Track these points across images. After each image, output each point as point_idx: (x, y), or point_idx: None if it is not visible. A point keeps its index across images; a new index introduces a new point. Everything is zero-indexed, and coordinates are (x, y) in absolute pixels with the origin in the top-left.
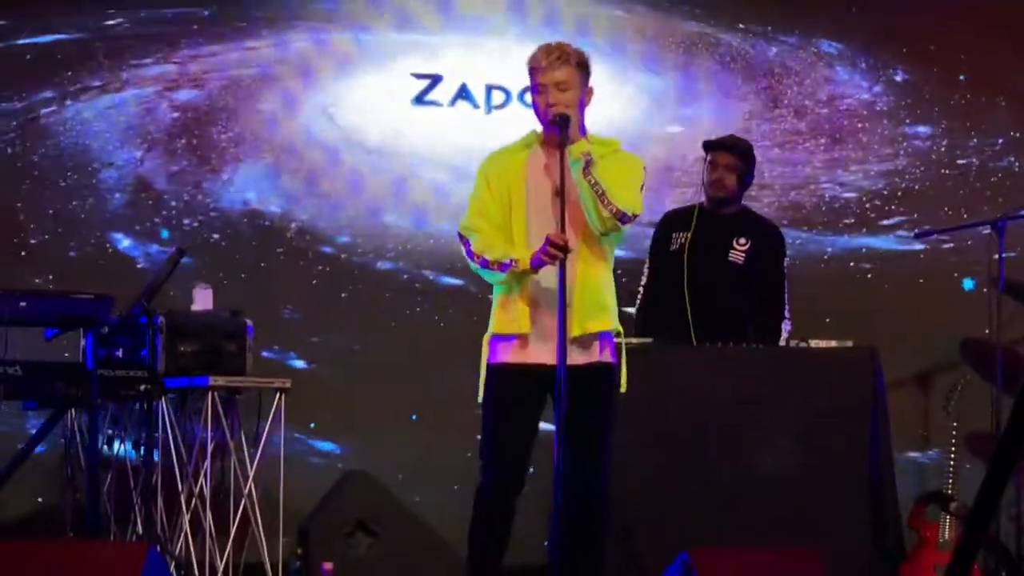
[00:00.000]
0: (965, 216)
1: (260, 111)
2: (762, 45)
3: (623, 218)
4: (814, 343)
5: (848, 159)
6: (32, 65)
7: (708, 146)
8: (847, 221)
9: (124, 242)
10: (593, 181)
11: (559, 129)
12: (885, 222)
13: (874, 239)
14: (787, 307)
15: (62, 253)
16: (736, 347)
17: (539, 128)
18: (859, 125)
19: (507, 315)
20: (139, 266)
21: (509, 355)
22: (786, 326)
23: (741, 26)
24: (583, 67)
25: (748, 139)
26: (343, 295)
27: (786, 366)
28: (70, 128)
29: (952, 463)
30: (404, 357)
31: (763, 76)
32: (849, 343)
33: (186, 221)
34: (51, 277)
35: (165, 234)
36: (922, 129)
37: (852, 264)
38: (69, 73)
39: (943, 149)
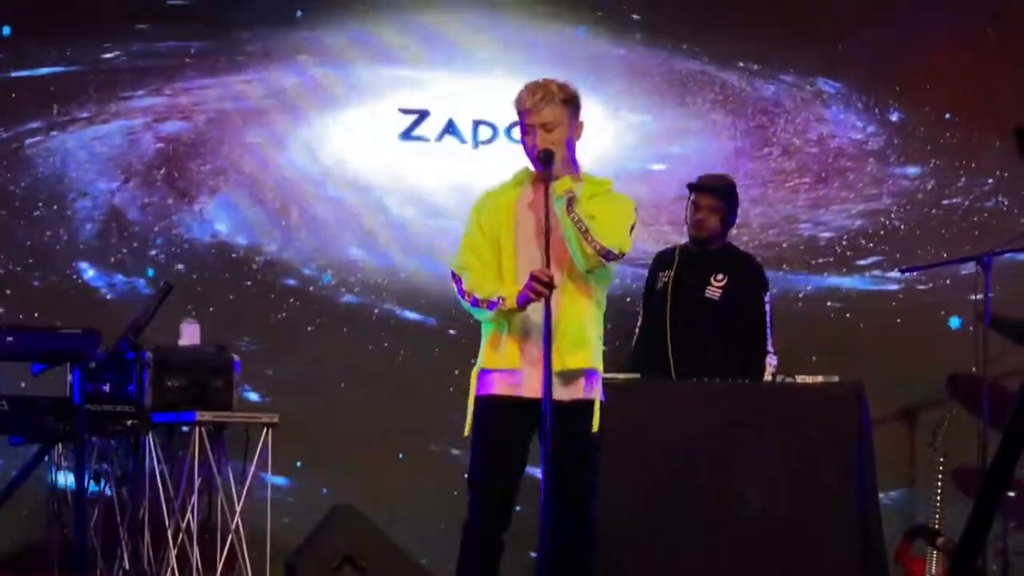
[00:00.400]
0: (945, 255)
1: (244, 145)
2: (759, 83)
3: (607, 255)
4: (800, 379)
5: (831, 198)
6: (24, 97)
7: (691, 187)
8: (824, 259)
9: (89, 272)
10: (576, 218)
11: (543, 166)
12: (862, 261)
13: (849, 278)
14: (771, 341)
15: (28, 284)
16: (723, 382)
17: (531, 165)
18: (847, 164)
19: (496, 351)
20: (106, 297)
21: (498, 388)
22: (771, 360)
23: (740, 64)
24: (570, 103)
25: (734, 177)
26: (310, 328)
27: (773, 401)
28: (50, 158)
29: (939, 498)
30: (381, 391)
31: (757, 114)
32: (835, 379)
33: (153, 253)
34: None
35: (151, 272)
36: (911, 169)
37: (830, 303)
38: (57, 105)
39: (930, 188)
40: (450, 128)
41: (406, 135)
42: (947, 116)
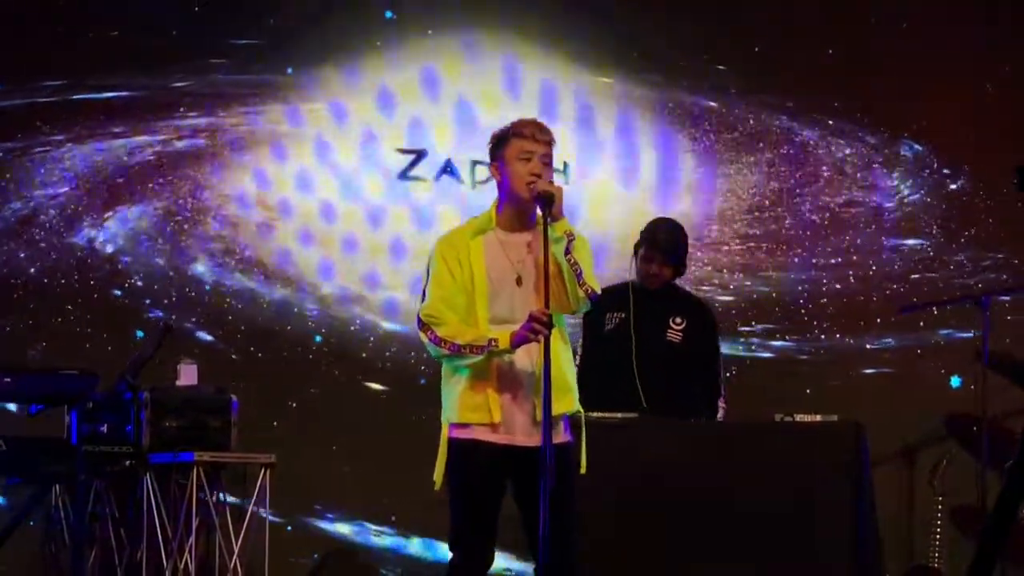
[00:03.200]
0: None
1: (230, 182)
2: (775, 116)
3: (594, 297)
4: (799, 417)
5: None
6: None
7: (645, 242)
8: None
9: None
10: (573, 261)
11: (543, 204)
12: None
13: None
14: (723, 386)
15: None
16: (725, 422)
17: (490, 210)
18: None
19: (473, 401)
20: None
21: (475, 434)
22: (720, 404)
23: (764, 99)
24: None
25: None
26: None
27: (771, 440)
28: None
29: (938, 538)
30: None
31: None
32: (834, 417)
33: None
34: None
35: (140, 335)
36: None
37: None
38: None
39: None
40: (448, 168)
41: (404, 175)
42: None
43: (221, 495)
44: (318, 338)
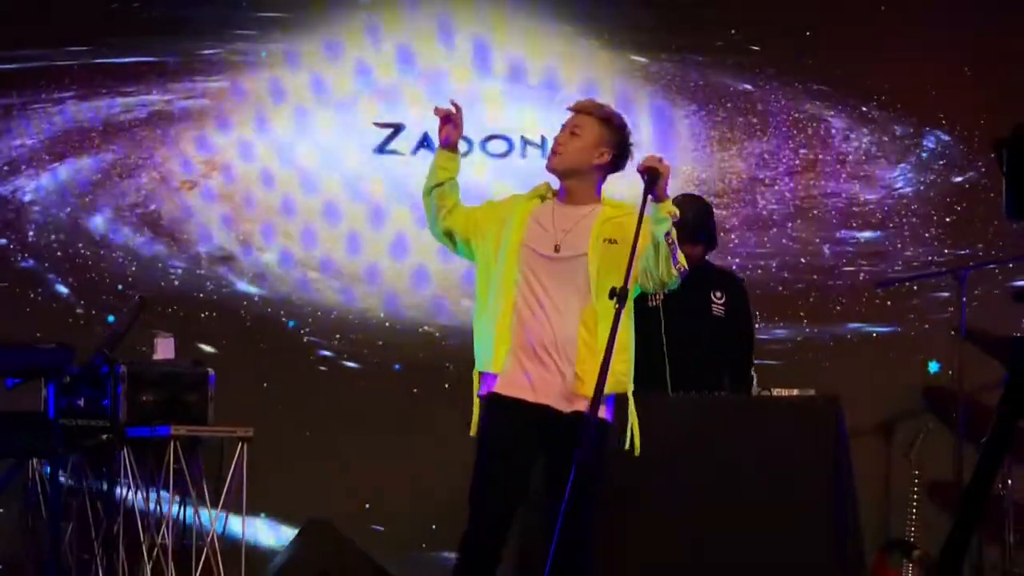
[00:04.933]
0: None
1: (207, 154)
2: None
3: (683, 274)
4: (777, 392)
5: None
6: None
7: (680, 227)
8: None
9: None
10: (671, 241)
11: (650, 181)
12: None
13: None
14: (752, 363)
15: None
16: (699, 395)
17: (551, 180)
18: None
19: (484, 347)
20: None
21: (512, 390)
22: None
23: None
24: (607, 123)
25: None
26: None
27: (749, 415)
28: None
29: (914, 511)
30: (357, 404)
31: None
32: (811, 392)
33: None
34: None
35: (111, 319)
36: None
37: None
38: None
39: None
40: (426, 142)
41: (381, 149)
42: None
43: (197, 469)
44: (292, 323)
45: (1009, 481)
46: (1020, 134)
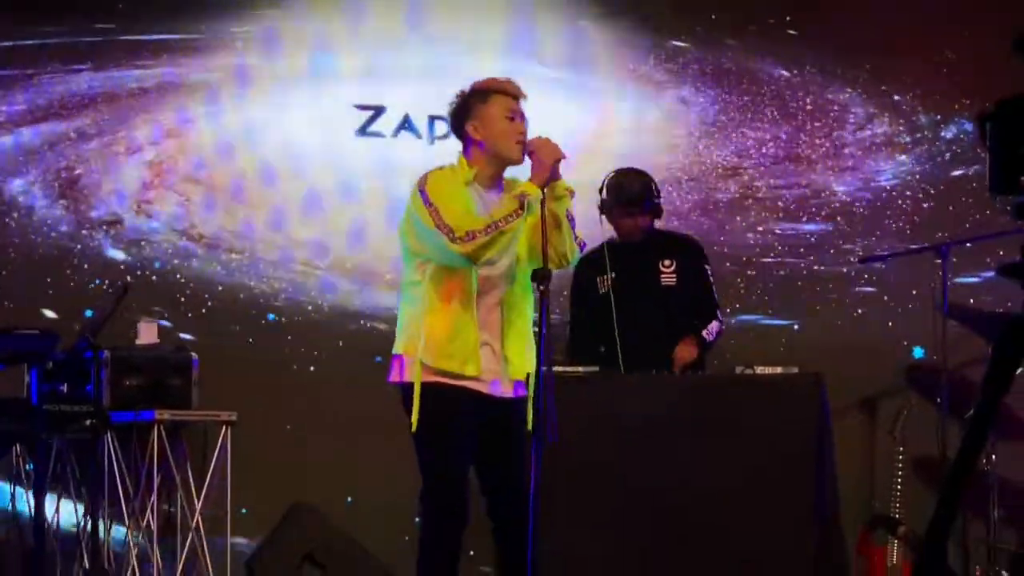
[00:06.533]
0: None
1: (188, 137)
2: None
3: (583, 246)
4: (760, 370)
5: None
6: None
7: (621, 201)
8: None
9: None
10: (571, 216)
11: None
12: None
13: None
14: (717, 309)
15: None
16: (683, 375)
17: (463, 164)
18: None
19: (451, 349)
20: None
21: (451, 380)
22: (715, 325)
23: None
24: None
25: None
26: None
27: (732, 393)
28: None
29: (899, 488)
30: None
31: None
32: (795, 369)
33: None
34: None
35: (89, 313)
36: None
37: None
38: None
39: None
40: (406, 124)
41: (362, 131)
42: None
43: (182, 453)
44: (271, 314)
45: (993, 457)
46: (1003, 108)
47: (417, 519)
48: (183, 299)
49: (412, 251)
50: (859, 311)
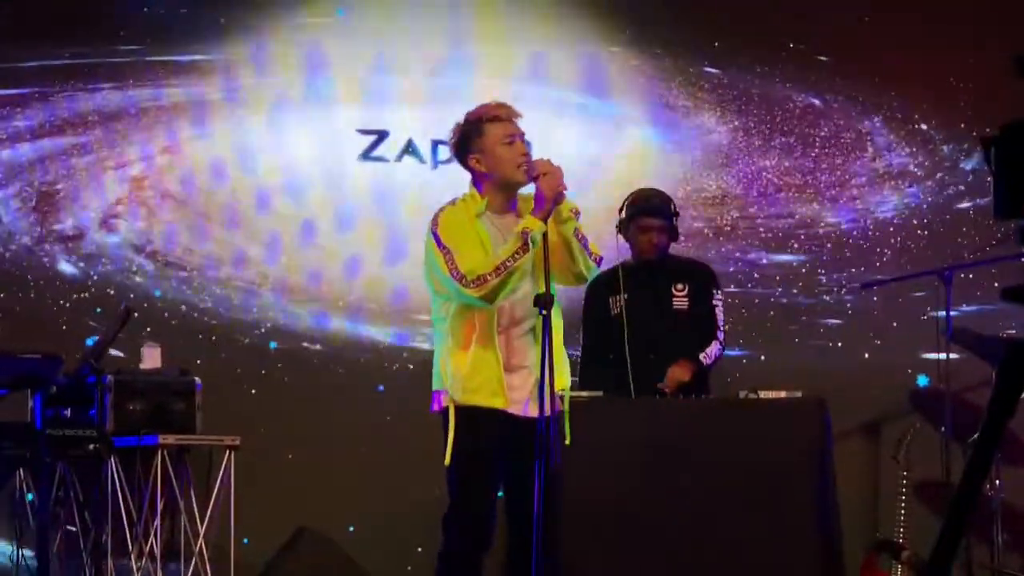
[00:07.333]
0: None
1: (193, 162)
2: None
3: (599, 262)
4: (764, 393)
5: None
6: None
7: (640, 211)
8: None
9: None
10: (581, 235)
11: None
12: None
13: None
14: (720, 330)
15: None
16: (686, 398)
17: (474, 194)
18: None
19: (479, 381)
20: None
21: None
22: (714, 348)
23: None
24: None
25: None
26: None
27: (735, 416)
28: None
29: (903, 512)
30: (349, 413)
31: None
32: (798, 394)
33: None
34: None
35: (91, 341)
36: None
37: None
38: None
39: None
40: (410, 148)
41: (366, 156)
42: None
43: (186, 478)
44: (268, 342)
45: (998, 481)
46: (1008, 132)
47: (419, 548)
48: (176, 323)
49: (435, 290)
50: (862, 335)
